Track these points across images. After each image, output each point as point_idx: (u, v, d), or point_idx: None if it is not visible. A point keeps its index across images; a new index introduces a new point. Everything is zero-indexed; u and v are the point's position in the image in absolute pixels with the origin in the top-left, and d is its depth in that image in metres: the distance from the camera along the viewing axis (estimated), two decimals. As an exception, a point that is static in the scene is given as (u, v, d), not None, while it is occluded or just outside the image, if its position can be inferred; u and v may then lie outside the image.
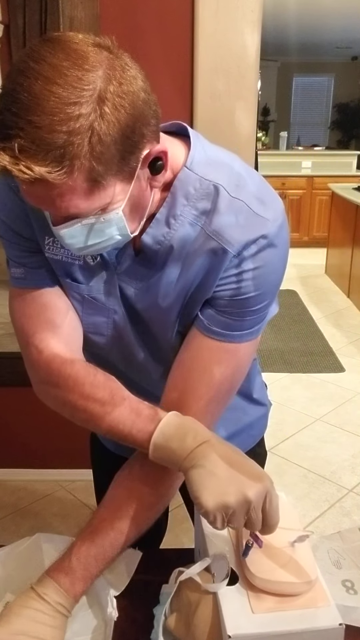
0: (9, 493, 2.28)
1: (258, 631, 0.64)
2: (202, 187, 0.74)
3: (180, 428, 0.69)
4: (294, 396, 3.14)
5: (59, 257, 0.80)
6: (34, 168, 0.56)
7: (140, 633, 0.76)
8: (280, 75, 8.67)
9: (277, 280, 0.77)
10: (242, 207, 0.73)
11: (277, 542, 0.72)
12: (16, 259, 0.82)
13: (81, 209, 0.63)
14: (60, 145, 0.56)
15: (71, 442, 2.24)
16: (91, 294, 0.82)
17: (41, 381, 0.81)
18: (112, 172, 0.62)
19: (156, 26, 1.80)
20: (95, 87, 0.57)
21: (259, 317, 0.78)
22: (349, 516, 2.17)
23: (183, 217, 0.74)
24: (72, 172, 0.58)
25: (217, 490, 0.64)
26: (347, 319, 4.42)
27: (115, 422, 0.73)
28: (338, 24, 6.33)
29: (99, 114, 0.57)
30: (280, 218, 0.74)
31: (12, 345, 2.24)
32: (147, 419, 0.71)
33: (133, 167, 0.64)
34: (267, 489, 0.66)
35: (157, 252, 0.76)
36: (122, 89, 0.59)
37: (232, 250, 0.73)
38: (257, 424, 1.08)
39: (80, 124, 0.56)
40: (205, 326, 0.78)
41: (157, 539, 1.20)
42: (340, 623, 0.64)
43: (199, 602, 0.70)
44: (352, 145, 8.83)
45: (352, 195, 4.74)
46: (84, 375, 0.77)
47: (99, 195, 0.63)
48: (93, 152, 0.58)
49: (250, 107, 1.84)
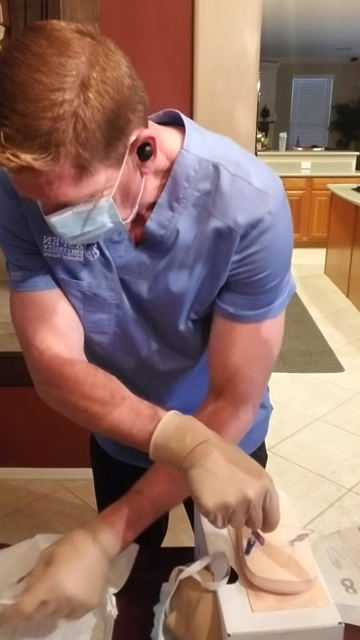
0: (9, 492, 2.28)
1: (257, 630, 0.64)
2: (202, 168, 0.74)
3: (180, 428, 0.69)
4: (293, 396, 3.14)
5: (58, 256, 0.80)
6: (20, 156, 0.57)
7: (141, 631, 0.76)
8: (279, 76, 8.67)
9: (288, 253, 0.78)
10: (244, 185, 0.73)
11: (276, 541, 0.72)
12: (15, 262, 0.83)
13: (70, 196, 0.63)
14: (45, 132, 0.57)
15: (71, 441, 2.24)
16: (92, 290, 0.82)
17: (43, 382, 0.82)
18: (99, 159, 0.62)
19: (156, 26, 1.80)
20: (78, 73, 0.57)
21: (279, 291, 0.80)
22: (348, 516, 2.17)
23: (186, 200, 0.75)
24: (59, 159, 0.59)
25: (217, 489, 0.65)
26: (346, 319, 4.42)
27: (115, 422, 0.73)
28: (337, 25, 6.34)
29: (83, 100, 0.57)
30: (281, 192, 0.76)
31: (12, 345, 2.24)
32: (147, 418, 0.71)
33: (121, 153, 0.64)
34: (266, 488, 0.66)
35: (163, 237, 0.77)
36: (106, 74, 0.59)
37: (238, 229, 0.73)
38: (258, 428, 1.08)
39: (64, 110, 0.57)
40: (229, 313, 0.79)
41: (158, 537, 1.20)
42: (339, 622, 0.65)
43: (199, 600, 0.70)
44: (352, 146, 8.83)
45: (351, 196, 4.74)
46: (84, 376, 0.77)
47: (87, 182, 0.63)
48: (78, 138, 0.58)
49: (249, 108, 1.84)
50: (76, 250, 0.79)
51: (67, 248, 0.79)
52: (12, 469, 2.35)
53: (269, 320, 0.80)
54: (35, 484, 2.32)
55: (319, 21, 6.17)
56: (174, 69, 1.83)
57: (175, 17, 1.79)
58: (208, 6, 1.74)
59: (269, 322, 0.80)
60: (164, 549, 1.09)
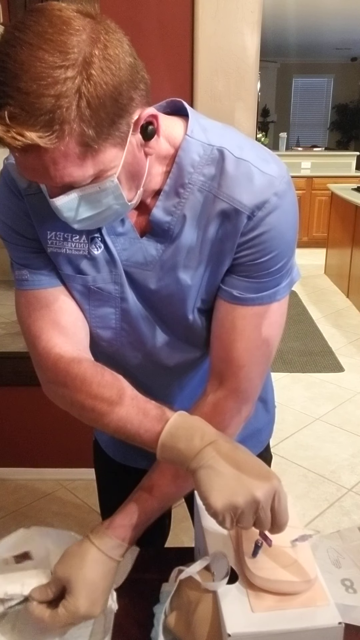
0: (9, 492, 2.28)
1: (257, 630, 0.64)
2: (206, 153, 0.75)
3: (188, 428, 0.69)
4: (293, 396, 3.14)
5: (62, 250, 0.80)
6: (25, 134, 0.57)
7: (141, 631, 0.76)
8: (279, 76, 8.67)
9: (293, 235, 0.78)
10: (249, 167, 0.74)
11: (276, 542, 0.72)
12: (19, 261, 0.83)
13: (75, 176, 0.63)
14: (49, 110, 0.57)
15: (72, 441, 2.24)
16: (96, 284, 0.81)
17: (49, 381, 0.81)
18: (104, 137, 0.62)
19: (156, 27, 1.80)
20: (80, 50, 0.57)
21: (284, 274, 0.79)
22: (348, 515, 2.17)
23: (192, 185, 0.75)
24: (63, 137, 0.59)
25: (226, 490, 0.64)
26: (346, 319, 4.42)
27: (122, 422, 0.73)
28: (337, 25, 6.33)
29: (86, 77, 0.57)
30: (287, 175, 0.76)
31: (12, 345, 2.25)
32: (155, 419, 0.71)
33: (124, 132, 0.64)
34: (275, 489, 0.65)
35: (170, 224, 0.77)
36: (108, 52, 0.59)
37: (245, 210, 0.73)
38: (265, 429, 1.08)
39: (67, 87, 0.57)
40: (233, 296, 0.79)
41: (161, 538, 1.20)
42: (339, 622, 0.65)
43: (199, 600, 0.70)
44: (352, 146, 8.83)
45: (351, 196, 4.74)
46: (91, 375, 0.77)
47: (92, 161, 0.63)
48: (82, 115, 0.58)
49: (249, 108, 1.84)
50: (80, 245, 0.79)
51: (71, 243, 0.79)
52: (12, 469, 2.36)
53: (272, 304, 0.80)
54: (35, 484, 2.32)
55: (319, 21, 6.17)
56: (174, 69, 1.83)
57: (175, 17, 1.79)
58: (208, 6, 1.74)
59: (272, 306, 0.80)
60: (164, 549, 1.09)
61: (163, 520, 1.19)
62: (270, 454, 1.12)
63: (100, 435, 1.11)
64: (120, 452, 1.06)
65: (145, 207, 0.78)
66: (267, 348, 0.82)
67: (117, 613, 0.76)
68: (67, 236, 0.79)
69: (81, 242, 0.79)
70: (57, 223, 0.78)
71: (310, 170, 6.89)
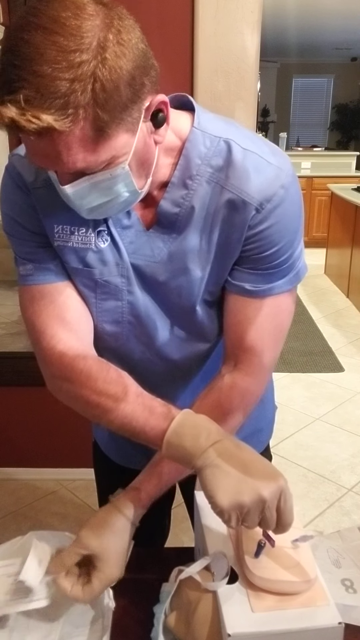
0: (9, 492, 2.28)
1: (257, 630, 0.64)
2: (213, 144, 0.76)
3: (194, 427, 0.69)
4: (293, 396, 3.14)
5: (69, 244, 0.80)
6: (41, 116, 0.57)
7: (141, 631, 0.76)
8: (279, 76, 8.67)
9: (299, 225, 0.80)
10: (257, 158, 0.75)
11: (277, 542, 0.72)
12: (24, 256, 0.83)
13: (88, 162, 0.64)
14: (64, 93, 0.57)
15: (72, 441, 2.24)
16: (103, 277, 0.82)
17: (53, 376, 0.81)
18: (117, 121, 0.62)
19: (156, 26, 1.80)
20: (94, 34, 0.58)
21: (292, 263, 0.80)
22: (348, 515, 2.17)
23: (200, 177, 0.76)
24: (78, 120, 0.59)
25: (232, 489, 0.64)
26: (346, 319, 4.42)
27: (128, 419, 0.73)
28: (337, 25, 6.33)
29: (100, 61, 0.58)
30: (291, 167, 0.77)
31: (12, 345, 2.25)
32: (161, 416, 0.71)
33: (136, 118, 0.65)
34: (281, 488, 0.65)
35: (177, 216, 0.78)
36: (122, 36, 0.60)
37: (253, 202, 0.74)
38: (265, 429, 1.08)
39: (82, 70, 0.57)
40: (245, 289, 0.80)
41: (161, 538, 1.20)
42: (339, 622, 0.65)
43: (199, 600, 0.70)
44: (352, 146, 8.83)
45: (351, 196, 4.74)
46: (97, 371, 0.77)
47: (104, 147, 0.63)
48: (97, 99, 0.59)
49: (249, 108, 1.84)
50: (87, 238, 0.80)
51: (77, 236, 0.80)
52: (12, 469, 2.36)
53: (282, 294, 0.81)
54: (35, 484, 2.32)
55: (319, 21, 6.17)
56: (174, 69, 1.83)
57: (175, 17, 1.79)
58: (208, 6, 1.74)
59: (283, 295, 0.81)
60: (164, 549, 1.09)
61: (163, 520, 1.19)
62: (270, 454, 1.12)
63: (100, 437, 1.11)
64: (120, 453, 1.06)
65: (152, 199, 0.79)
66: (279, 334, 0.84)
67: (117, 613, 0.75)
68: (73, 229, 0.80)
69: (88, 235, 0.80)
70: (63, 216, 0.79)
71: (310, 170, 6.89)
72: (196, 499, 0.83)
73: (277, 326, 0.83)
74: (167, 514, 1.20)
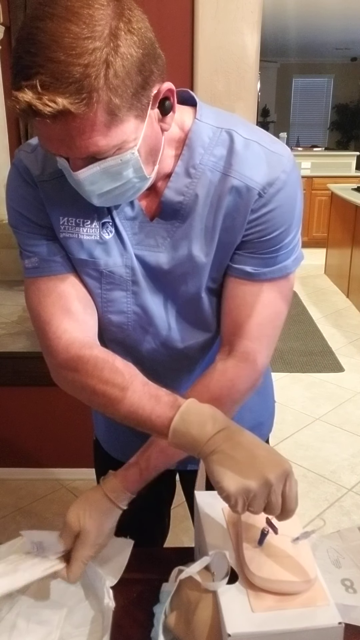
0: (9, 492, 2.28)
1: (257, 630, 0.64)
2: (216, 135, 0.78)
3: (200, 415, 0.70)
4: (293, 396, 3.14)
5: (75, 236, 0.82)
6: (57, 100, 0.60)
7: (141, 631, 0.76)
8: (279, 76, 8.67)
9: (299, 210, 0.82)
10: (258, 147, 0.78)
11: (277, 541, 0.72)
12: (30, 249, 0.84)
13: (100, 145, 0.66)
14: (79, 78, 0.60)
15: (72, 441, 2.24)
16: (108, 268, 0.83)
17: (59, 366, 0.82)
18: (127, 106, 0.65)
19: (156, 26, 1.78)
20: (106, 23, 0.61)
21: (292, 249, 0.82)
22: (348, 515, 2.17)
23: (203, 165, 0.78)
24: (92, 104, 0.62)
25: (239, 474, 0.65)
26: (346, 319, 4.42)
27: (134, 408, 0.74)
28: (337, 25, 6.33)
29: (112, 48, 0.61)
30: (291, 155, 0.81)
31: (12, 345, 2.25)
32: (167, 405, 0.72)
33: (145, 104, 0.68)
34: (287, 473, 0.66)
35: (181, 205, 0.80)
36: (132, 25, 0.63)
37: (256, 187, 0.77)
38: (266, 423, 1.09)
39: (95, 57, 0.60)
40: (245, 272, 0.81)
41: (161, 538, 1.20)
42: (339, 622, 0.65)
43: (199, 600, 0.70)
44: (352, 146, 8.83)
45: (351, 196, 4.74)
46: (103, 360, 0.78)
47: (116, 131, 0.66)
48: (110, 84, 0.62)
49: (250, 108, 1.84)
50: (92, 230, 0.82)
51: (83, 228, 0.82)
52: (12, 469, 2.36)
53: (281, 280, 0.83)
54: (35, 484, 2.32)
55: (319, 21, 6.17)
56: (174, 69, 1.82)
57: (175, 17, 1.79)
58: (208, 6, 1.74)
59: (281, 281, 0.83)
60: (164, 549, 1.09)
61: (163, 520, 1.20)
62: None
63: (101, 434, 1.11)
64: (122, 449, 1.06)
65: (155, 190, 0.81)
66: (276, 321, 0.85)
67: (117, 613, 0.76)
68: (79, 221, 0.81)
69: (93, 227, 0.82)
70: (69, 209, 0.81)
71: (310, 170, 6.89)
72: (196, 498, 0.83)
73: (274, 313, 0.84)
74: (167, 514, 1.20)
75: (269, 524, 0.72)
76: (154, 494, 1.06)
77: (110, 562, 0.82)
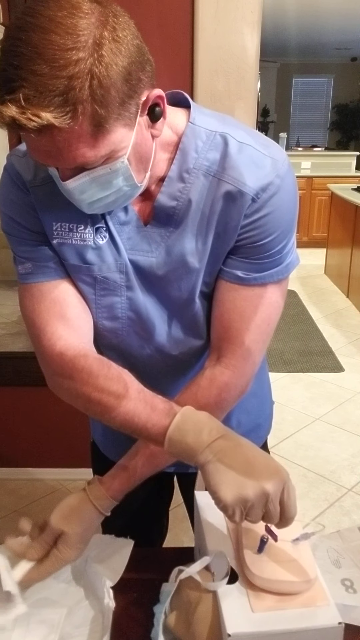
0: (9, 492, 2.28)
1: (257, 630, 0.64)
2: (209, 138, 0.77)
3: (196, 423, 0.69)
4: (293, 396, 3.14)
5: (68, 241, 0.81)
6: (41, 114, 0.58)
7: (141, 631, 0.76)
8: (279, 76, 8.67)
9: (294, 216, 0.80)
10: (252, 150, 0.76)
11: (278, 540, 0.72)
12: (23, 254, 0.83)
13: (88, 157, 0.65)
14: (63, 91, 0.58)
15: (72, 441, 2.24)
16: (102, 274, 0.82)
17: (54, 374, 0.81)
18: (114, 116, 0.64)
19: (156, 26, 1.80)
20: (90, 32, 0.59)
21: (284, 255, 0.81)
22: (348, 515, 2.17)
23: (196, 170, 0.77)
24: (77, 117, 0.60)
25: (235, 484, 0.64)
26: (346, 319, 4.42)
27: (129, 416, 0.73)
28: (337, 25, 6.33)
29: (96, 58, 0.59)
30: (286, 158, 0.78)
31: (12, 345, 2.25)
32: (162, 413, 0.71)
33: (133, 113, 0.66)
34: (284, 482, 0.66)
35: (175, 209, 0.79)
36: (117, 34, 0.61)
37: (249, 191, 0.75)
38: (264, 424, 1.08)
39: (79, 68, 0.58)
40: (236, 276, 0.80)
41: (159, 538, 1.20)
42: (339, 622, 0.65)
43: (199, 600, 0.70)
44: (352, 146, 8.83)
45: (351, 196, 4.74)
46: (98, 368, 0.77)
47: (103, 141, 0.64)
48: (94, 95, 0.60)
49: (249, 108, 1.84)
50: (85, 235, 0.81)
51: (76, 233, 0.81)
52: (12, 469, 2.36)
53: (273, 285, 0.81)
54: (35, 484, 2.32)
55: (319, 21, 6.17)
56: (174, 69, 1.83)
57: (175, 17, 1.79)
58: (208, 6, 1.74)
59: (272, 287, 0.81)
60: (164, 549, 1.09)
61: (161, 520, 1.20)
62: (267, 450, 1.12)
63: (98, 436, 1.11)
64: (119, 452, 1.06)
65: (149, 194, 0.80)
66: (266, 327, 0.83)
67: (117, 613, 0.76)
68: (72, 227, 0.80)
69: (86, 232, 0.81)
70: (62, 214, 0.80)
71: (310, 170, 6.89)
72: (196, 499, 0.83)
73: (264, 319, 0.82)
74: (165, 514, 1.20)
75: (268, 531, 0.71)
76: (153, 495, 1.07)
77: (110, 562, 0.82)
